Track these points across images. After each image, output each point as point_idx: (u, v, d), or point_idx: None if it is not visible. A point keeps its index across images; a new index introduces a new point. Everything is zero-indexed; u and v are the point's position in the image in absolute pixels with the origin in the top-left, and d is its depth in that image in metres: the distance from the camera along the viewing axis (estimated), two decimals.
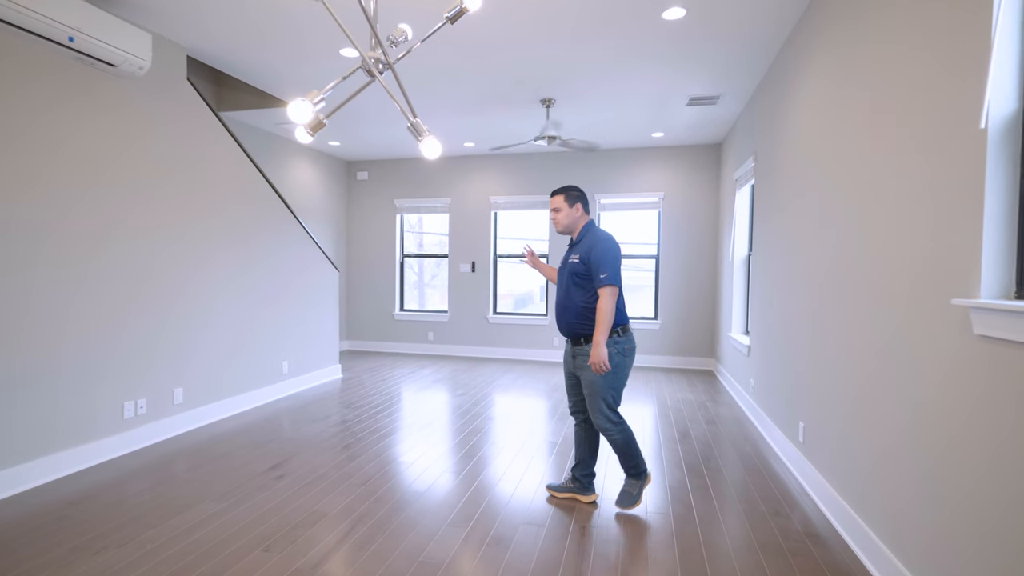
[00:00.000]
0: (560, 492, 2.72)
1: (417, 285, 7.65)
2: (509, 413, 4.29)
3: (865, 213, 2.21)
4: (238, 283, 4.19)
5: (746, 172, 4.69)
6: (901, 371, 1.88)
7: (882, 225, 2.06)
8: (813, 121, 2.90)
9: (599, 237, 2.56)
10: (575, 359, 2.61)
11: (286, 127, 5.77)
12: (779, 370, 3.48)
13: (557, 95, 4.64)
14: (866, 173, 2.21)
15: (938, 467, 1.65)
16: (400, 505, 2.60)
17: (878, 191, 2.10)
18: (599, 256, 2.49)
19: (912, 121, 1.85)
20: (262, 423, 3.90)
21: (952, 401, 1.58)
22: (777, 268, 3.58)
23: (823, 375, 2.66)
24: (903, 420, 1.87)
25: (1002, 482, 1.35)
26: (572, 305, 2.57)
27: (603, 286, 2.45)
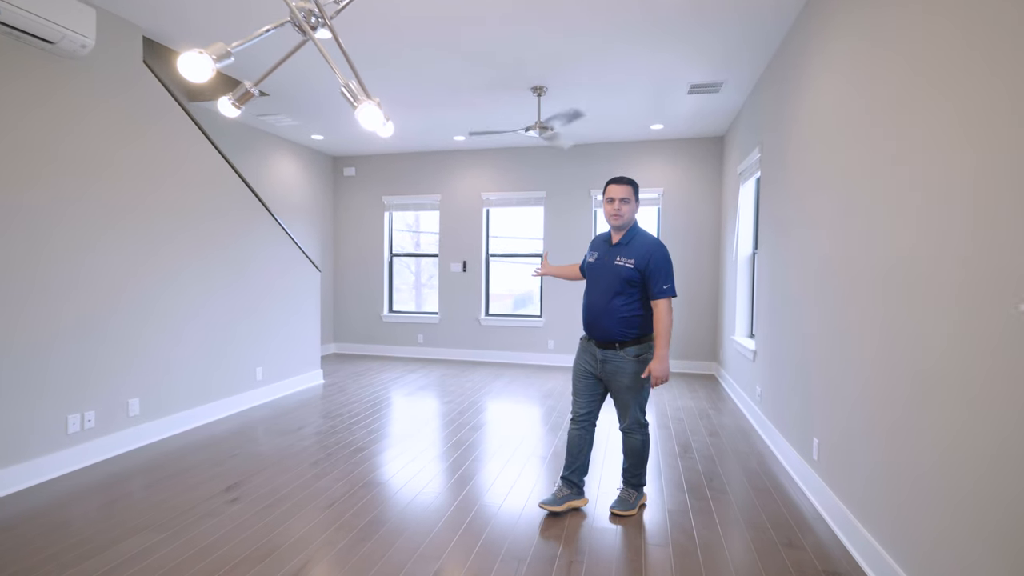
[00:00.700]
0: (558, 506, 2.53)
1: (415, 285, 7.35)
2: (498, 423, 3.99)
3: (903, 206, 1.91)
4: (205, 284, 3.89)
5: (751, 165, 4.39)
6: (952, 388, 1.58)
7: (928, 220, 1.75)
8: (833, 102, 2.60)
9: (655, 243, 2.47)
10: (605, 364, 2.49)
11: (267, 119, 5.48)
12: (790, 379, 3.18)
13: (549, 83, 4.33)
14: (904, 158, 1.90)
15: (1003, 513, 1.34)
16: (366, 533, 2.30)
17: (919, 180, 1.79)
18: (659, 265, 2.40)
19: (963, 95, 1.54)
20: (228, 436, 3.60)
21: (1018, 424, 1.27)
22: (787, 267, 3.28)
23: (845, 387, 2.36)
24: (951, 445, 1.56)
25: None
26: (614, 310, 2.45)
27: (664, 297, 2.40)
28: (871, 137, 2.12)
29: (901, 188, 1.87)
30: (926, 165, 1.71)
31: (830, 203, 2.55)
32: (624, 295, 2.44)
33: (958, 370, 1.51)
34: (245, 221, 4.31)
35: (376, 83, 4.38)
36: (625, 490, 2.59)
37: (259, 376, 4.49)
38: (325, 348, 7.14)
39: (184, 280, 3.71)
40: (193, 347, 3.79)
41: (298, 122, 5.59)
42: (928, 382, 1.67)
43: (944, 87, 1.61)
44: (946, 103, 1.60)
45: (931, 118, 1.68)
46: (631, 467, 2.57)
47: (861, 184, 2.21)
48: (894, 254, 1.91)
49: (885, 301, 1.97)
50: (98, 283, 3.11)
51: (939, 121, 1.64)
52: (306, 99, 4.84)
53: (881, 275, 2.01)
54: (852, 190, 2.30)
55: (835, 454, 2.44)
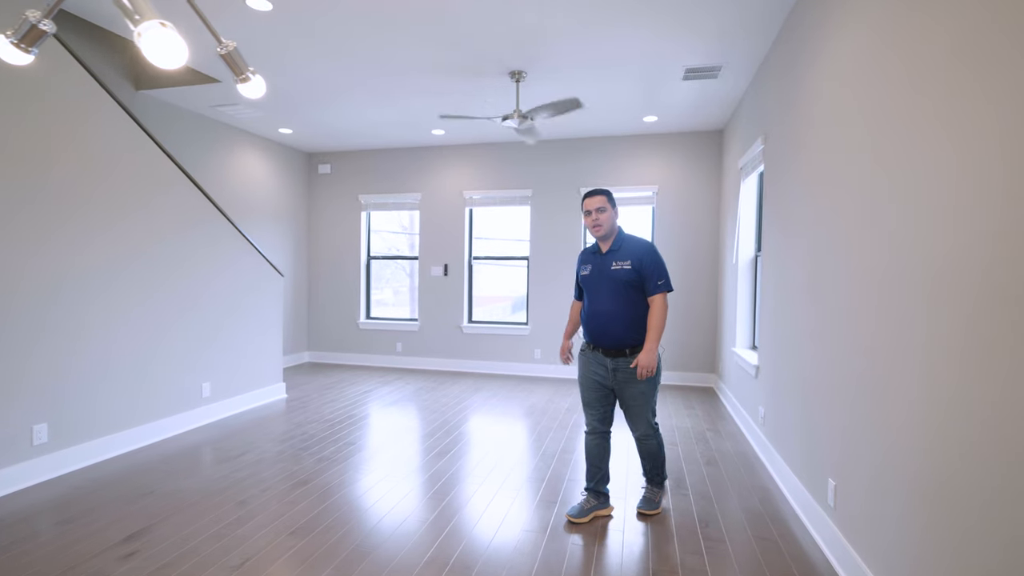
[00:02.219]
0: (584, 517, 2.55)
1: (411, 289, 6.90)
2: (474, 446, 3.53)
3: (950, 199, 1.45)
4: (138, 291, 3.45)
5: (753, 157, 3.94)
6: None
7: (983, 216, 1.30)
8: (853, 80, 2.15)
9: (645, 243, 2.54)
10: (617, 373, 2.51)
11: (225, 109, 5.04)
12: (798, 404, 2.72)
13: (528, 67, 3.89)
14: (949, 143, 1.45)
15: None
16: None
17: (971, 169, 1.34)
18: (653, 262, 2.48)
19: None
20: (152, 466, 3.15)
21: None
22: (795, 272, 2.82)
23: (875, 424, 1.90)
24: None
25: None
26: (623, 315, 2.48)
27: (660, 292, 2.47)
28: (905, 118, 1.67)
29: (948, 178, 1.42)
30: (980, 152, 1.26)
31: (850, 199, 2.10)
32: (628, 299, 2.49)
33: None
34: (190, 222, 3.87)
35: (328, 69, 3.93)
36: (650, 488, 2.68)
37: (206, 393, 4.03)
38: (298, 357, 6.70)
39: (111, 286, 3.26)
40: (120, 362, 3.34)
41: (261, 114, 5.15)
42: (1001, 432, 1.21)
43: (1004, 60, 1.16)
44: (1006, 79, 1.15)
45: (987, 98, 1.23)
46: (652, 468, 2.65)
47: (893, 175, 1.75)
48: (936, 257, 1.46)
49: (928, 316, 1.51)
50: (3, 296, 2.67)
51: (999, 100, 1.19)
52: (269, 86, 4.38)
53: (918, 284, 1.56)
54: (879, 182, 1.85)
55: (858, 503, 1.98)
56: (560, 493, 2.84)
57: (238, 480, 2.94)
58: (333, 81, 4.24)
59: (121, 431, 3.35)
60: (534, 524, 2.49)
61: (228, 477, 2.98)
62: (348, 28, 3.32)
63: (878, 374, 1.83)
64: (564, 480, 3.02)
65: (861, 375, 1.96)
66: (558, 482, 2.99)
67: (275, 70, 4.02)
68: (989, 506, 1.24)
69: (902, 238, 1.69)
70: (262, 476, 3.01)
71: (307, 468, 3.14)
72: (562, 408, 4.62)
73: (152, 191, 3.57)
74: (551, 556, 2.21)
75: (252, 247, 4.50)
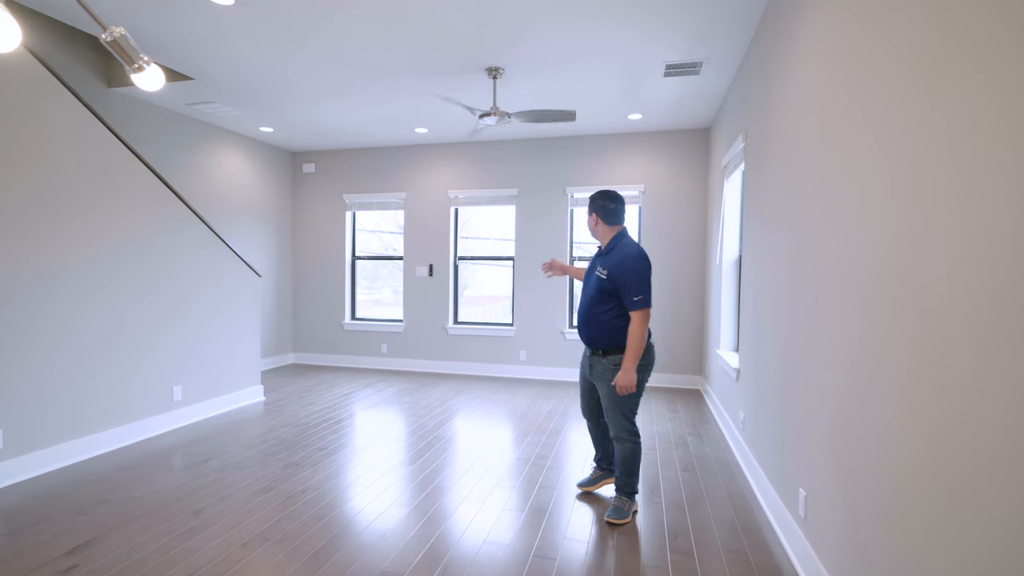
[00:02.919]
0: (592, 485, 2.85)
1: (393, 290, 6.81)
2: (448, 451, 3.45)
3: (929, 198, 1.37)
4: (104, 290, 3.36)
5: (735, 156, 3.85)
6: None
7: (964, 217, 1.22)
8: (824, 74, 2.06)
9: (629, 253, 2.46)
10: (592, 369, 2.62)
11: (202, 108, 4.95)
12: (774, 409, 2.63)
13: (505, 62, 3.80)
14: (926, 139, 1.37)
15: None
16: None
17: (950, 167, 1.25)
18: (629, 276, 2.40)
19: (1011, 68, 1.01)
20: (112, 473, 3.06)
21: None
22: (771, 272, 2.73)
23: (843, 436, 1.81)
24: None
25: None
26: (594, 319, 2.53)
27: (636, 309, 2.40)
28: (873, 112, 1.58)
29: (927, 176, 1.33)
30: (957, 149, 1.17)
31: (822, 195, 2.01)
32: (602, 304, 2.49)
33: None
34: (159, 221, 3.78)
35: (294, 67, 3.84)
36: (619, 498, 2.59)
37: (177, 396, 3.95)
38: (282, 359, 6.61)
39: (71, 286, 3.17)
40: (81, 365, 3.25)
41: (240, 112, 5.06)
42: (991, 447, 1.13)
43: (982, 56, 1.07)
44: (983, 76, 1.06)
45: (962, 92, 1.14)
46: (622, 475, 2.57)
47: (868, 169, 1.66)
48: (908, 260, 1.37)
49: (900, 327, 1.42)
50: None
51: (975, 96, 1.10)
52: (244, 85, 4.31)
53: (891, 289, 1.47)
54: (853, 177, 1.76)
55: (827, 516, 1.89)
56: (528, 502, 2.75)
57: (197, 488, 2.86)
58: (300, 79, 4.15)
59: (82, 437, 3.27)
60: (498, 535, 2.40)
61: (188, 485, 2.90)
62: (312, 25, 3.23)
63: (848, 381, 1.74)
64: (535, 488, 2.93)
65: (832, 382, 1.88)
66: (527, 489, 2.90)
67: (242, 67, 3.93)
68: (956, 527, 1.15)
69: (877, 239, 1.60)
70: (224, 483, 2.92)
71: (272, 474, 3.06)
72: (543, 411, 4.53)
73: (117, 189, 3.49)
74: (510, 569, 2.12)
75: (227, 247, 4.42)
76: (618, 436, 2.56)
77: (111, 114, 4.48)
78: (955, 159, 1.15)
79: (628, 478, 2.57)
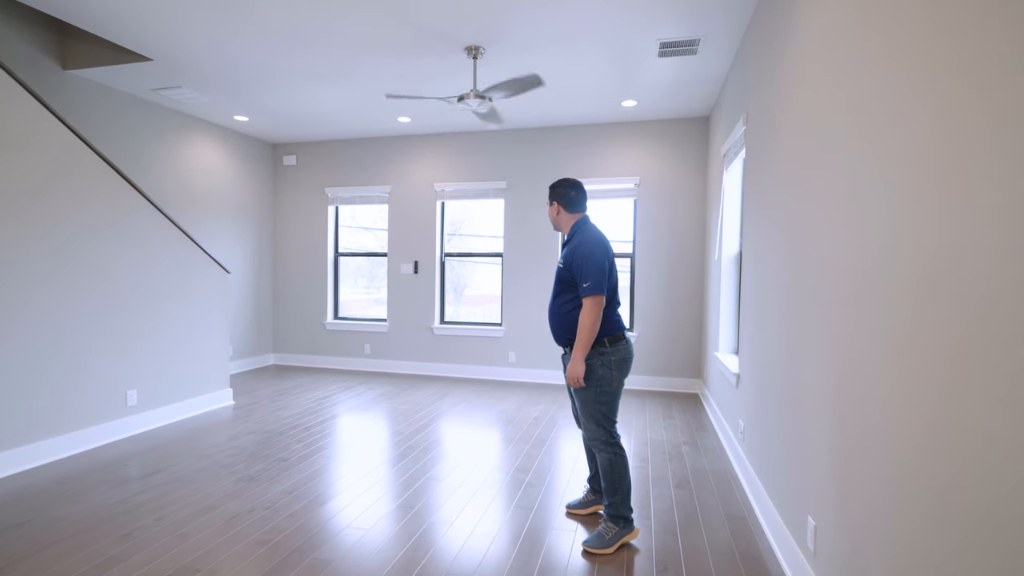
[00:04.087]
0: (582, 509, 2.56)
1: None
2: (421, 464, 3.15)
3: (947, 187, 1.07)
4: (43, 291, 3.08)
5: (735, 142, 3.54)
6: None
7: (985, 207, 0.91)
8: (842, 32, 1.76)
9: (583, 239, 2.29)
10: (564, 368, 2.40)
11: (168, 93, 4.66)
12: (776, 420, 2.33)
13: (485, 41, 3.50)
14: (945, 122, 1.06)
15: None
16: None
17: (970, 152, 0.95)
18: (580, 261, 2.24)
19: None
20: (45, 489, 2.77)
21: None
22: (775, 268, 2.43)
23: (859, 459, 1.51)
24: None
25: None
26: (556, 312, 2.37)
27: (585, 295, 2.20)
28: (890, 87, 1.28)
29: (966, 159, 1.03)
30: (971, 127, 0.87)
31: (826, 183, 1.71)
32: (563, 295, 2.34)
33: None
34: (114, 213, 3.49)
35: (251, 48, 3.54)
36: (605, 523, 2.28)
37: (132, 401, 3.66)
38: (262, 360, 6.33)
39: (11, 282, 2.89)
40: (17, 369, 2.97)
41: (209, 98, 4.77)
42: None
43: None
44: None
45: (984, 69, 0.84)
46: (605, 491, 2.29)
47: (876, 155, 1.36)
48: (923, 256, 1.07)
49: (920, 327, 1.13)
50: None
51: (998, 71, 0.80)
52: (207, 67, 4.01)
53: (906, 285, 1.17)
54: (861, 163, 1.46)
55: (841, 552, 1.59)
56: (500, 525, 2.46)
57: (135, 506, 2.57)
58: (266, 62, 3.85)
59: (19, 447, 2.98)
60: (462, 567, 2.11)
61: (126, 502, 2.61)
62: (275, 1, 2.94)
63: (869, 396, 1.44)
64: (510, 507, 2.63)
65: (845, 393, 1.57)
66: (502, 509, 2.60)
67: (203, 48, 3.63)
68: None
69: (888, 231, 1.30)
70: (165, 500, 2.63)
71: (221, 490, 2.76)
72: (530, 417, 4.24)
73: (63, 178, 3.20)
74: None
75: (191, 242, 4.13)
76: (592, 443, 2.30)
77: (67, 98, 4.19)
78: (998, 145, 0.85)
79: (612, 496, 2.27)
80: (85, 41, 4.05)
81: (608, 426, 2.27)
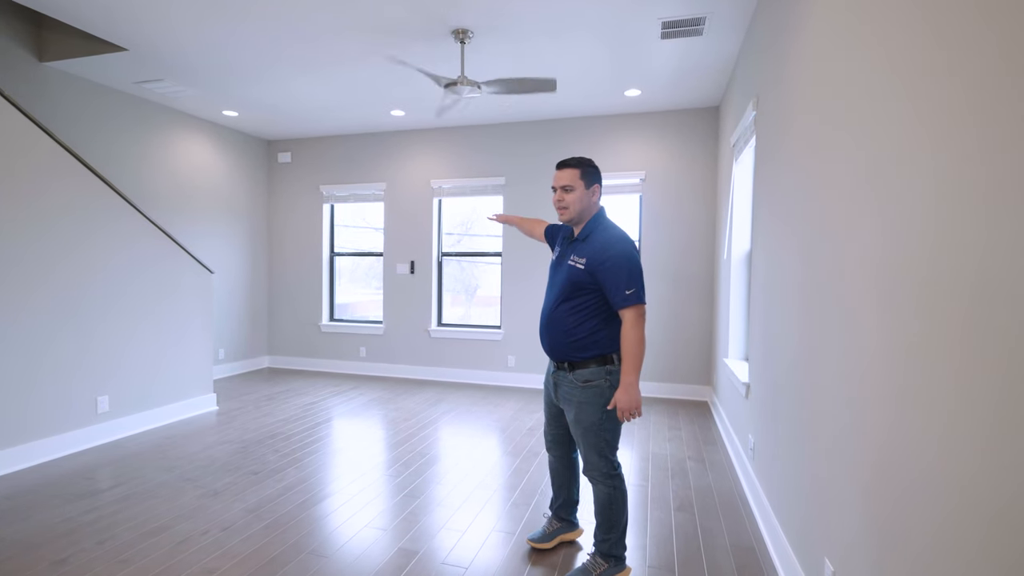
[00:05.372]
0: (547, 542, 2.22)
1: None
2: (406, 480, 2.91)
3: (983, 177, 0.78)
4: (4, 293, 2.90)
5: (745, 130, 3.25)
6: None
7: None
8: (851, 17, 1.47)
9: (615, 236, 1.92)
10: (558, 388, 2.04)
11: (152, 87, 4.49)
12: (790, 440, 2.04)
13: (473, 23, 3.25)
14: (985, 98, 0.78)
15: None
16: None
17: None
18: (617, 265, 1.85)
19: None
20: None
21: None
22: (788, 267, 2.15)
23: (891, 495, 1.23)
24: None
25: None
26: (563, 322, 1.96)
27: (628, 306, 1.85)
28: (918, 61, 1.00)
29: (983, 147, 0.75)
30: None
31: (846, 169, 1.43)
32: (571, 301, 1.94)
33: None
34: (83, 212, 3.31)
35: (224, 33, 3.34)
36: (593, 559, 2.00)
37: (103, 407, 3.48)
38: (256, 363, 6.15)
39: None
40: None
41: (194, 92, 4.60)
42: None
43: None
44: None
45: None
46: (599, 527, 2.00)
47: (903, 136, 1.08)
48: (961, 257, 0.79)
49: (988, 337, 0.84)
50: None
51: None
52: (186, 58, 3.83)
53: (944, 285, 0.89)
54: (885, 146, 1.17)
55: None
56: (474, 556, 2.20)
57: (80, 526, 2.36)
58: (244, 50, 3.65)
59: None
60: None
61: (71, 521, 2.40)
62: None
63: (896, 418, 1.15)
64: (492, 530, 2.37)
65: (883, 423, 1.29)
66: (480, 534, 2.35)
67: (178, 35, 3.44)
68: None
69: (917, 223, 1.02)
70: (115, 520, 2.42)
71: (178, 507, 2.55)
72: (525, 427, 3.97)
73: (28, 175, 3.02)
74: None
75: (170, 240, 3.95)
76: (591, 475, 1.98)
77: (44, 92, 4.04)
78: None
79: (607, 533, 1.98)
80: (58, 31, 3.89)
81: (611, 455, 1.97)
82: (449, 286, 5.84)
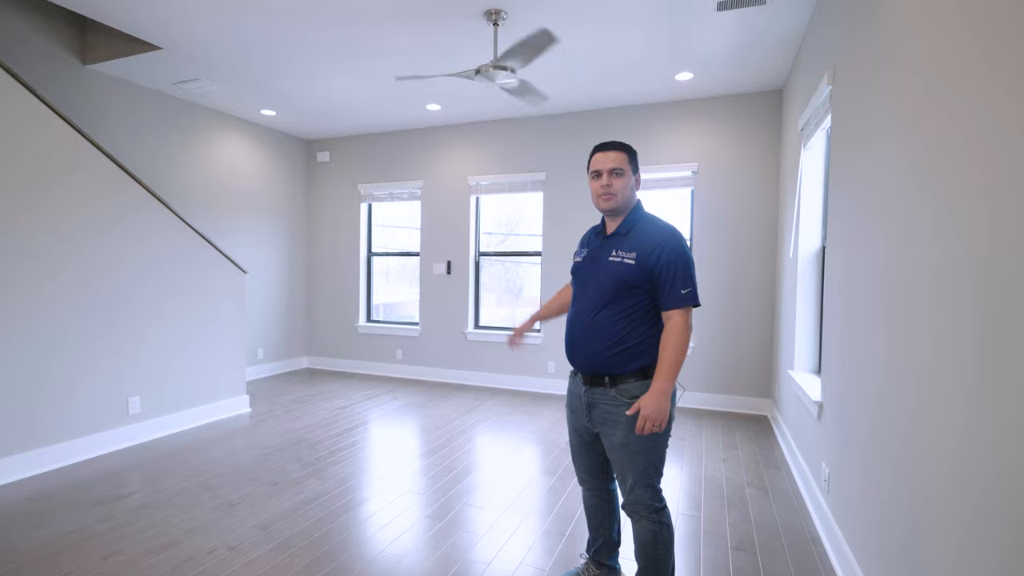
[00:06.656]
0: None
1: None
2: (433, 497, 2.69)
3: None
4: (37, 291, 2.89)
5: (817, 109, 2.83)
6: None
7: None
8: None
9: (666, 228, 1.69)
10: (592, 410, 1.74)
11: (189, 87, 4.49)
12: (878, 479, 1.66)
13: (506, 3, 3.00)
14: None
15: None
16: None
17: None
18: (674, 260, 1.62)
19: None
20: (14, 509, 2.53)
21: None
22: (876, 265, 1.76)
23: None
24: None
25: None
26: (606, 328, 1.67)
27: (680, 307, 1.62)
28: None
29: None
30: None
31: (963, 138, 1.06)
32: (617, 305, 1.66)
33: None
34: (117, 211, 3.29)
35: (248, 25, 3.21)
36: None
37: (134, 409, 3.45)
38: (295, 363, 6.14)
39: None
40: (7, 373, 2.78)
41: (230, 90, 4.57)
42: None
43: None
44: None
45: None
46: (642, 570, 1.72)
47: None
48: None
49: None
50: None
51: None
52: (221, 54, 3.77)
53: None
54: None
55: None
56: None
57: (91, 536, 2.26)
58: (272, 43, 3.53)
59: (8, 456, 2.79)
60: None
61: (85, 531, 2.31)
62: None
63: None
64: (519, 566, 2.10)
65: (1004, 456, 0.93)
66: (509, 566, 2.08)
67: (210, 32, 3.36)
68: None
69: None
70: (127, 530, 2.31)
71: (192, 520, 2.42)
72: (563, 440, 3.68)
73: (61, 175, 3.01)
74: None
75: (203, 240, 3.90)
76: (634, 509, 1.69)
77: (88, 95, 4.09)
78: None
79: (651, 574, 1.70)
80: (101, 34, 3.92)
81: (657, 484, 1.69)
82: (492, 286, 5.61)
